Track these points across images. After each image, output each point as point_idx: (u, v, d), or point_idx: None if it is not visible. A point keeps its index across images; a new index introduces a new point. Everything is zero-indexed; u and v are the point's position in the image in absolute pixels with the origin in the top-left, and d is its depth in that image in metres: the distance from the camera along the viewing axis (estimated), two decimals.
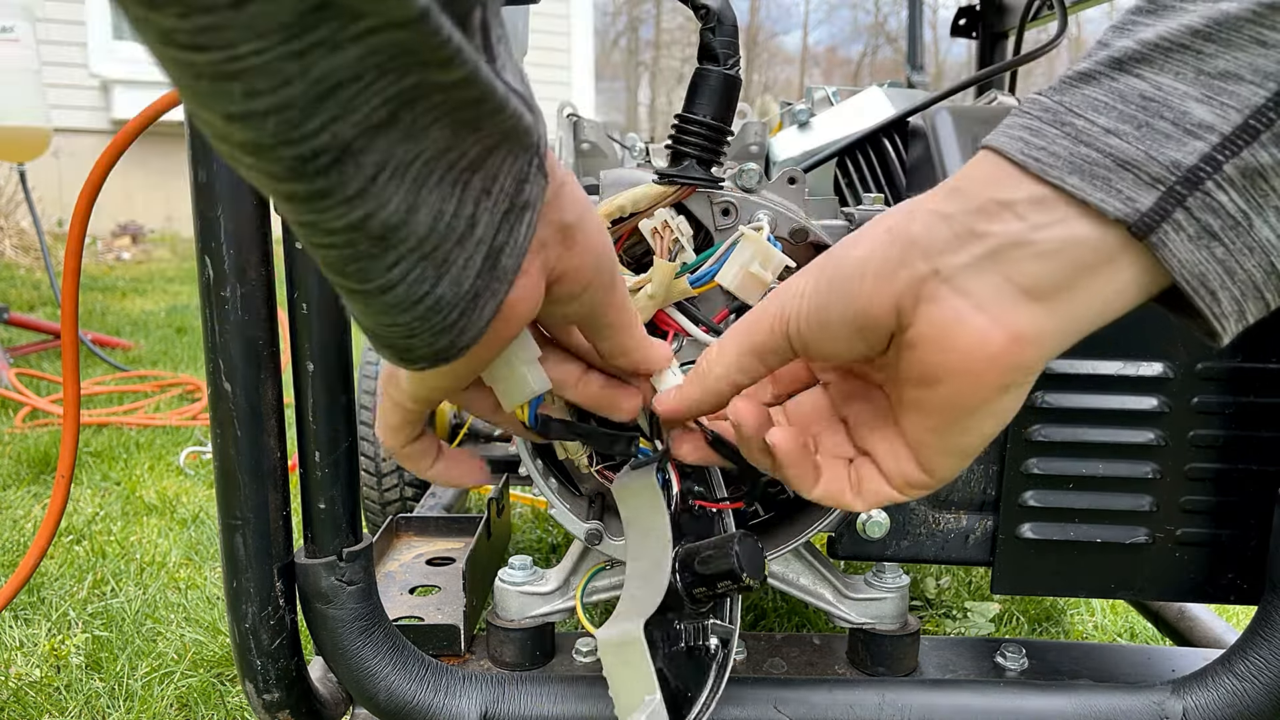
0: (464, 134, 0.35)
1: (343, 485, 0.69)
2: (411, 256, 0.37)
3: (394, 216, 0.35)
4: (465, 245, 0.38)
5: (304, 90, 0.30)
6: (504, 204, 0.39)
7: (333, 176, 0.33)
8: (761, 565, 0.61)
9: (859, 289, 0.43)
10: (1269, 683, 0.68)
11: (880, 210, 0.71)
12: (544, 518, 1.96)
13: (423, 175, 0.35)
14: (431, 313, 0.39)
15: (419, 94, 0.33)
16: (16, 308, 4.13)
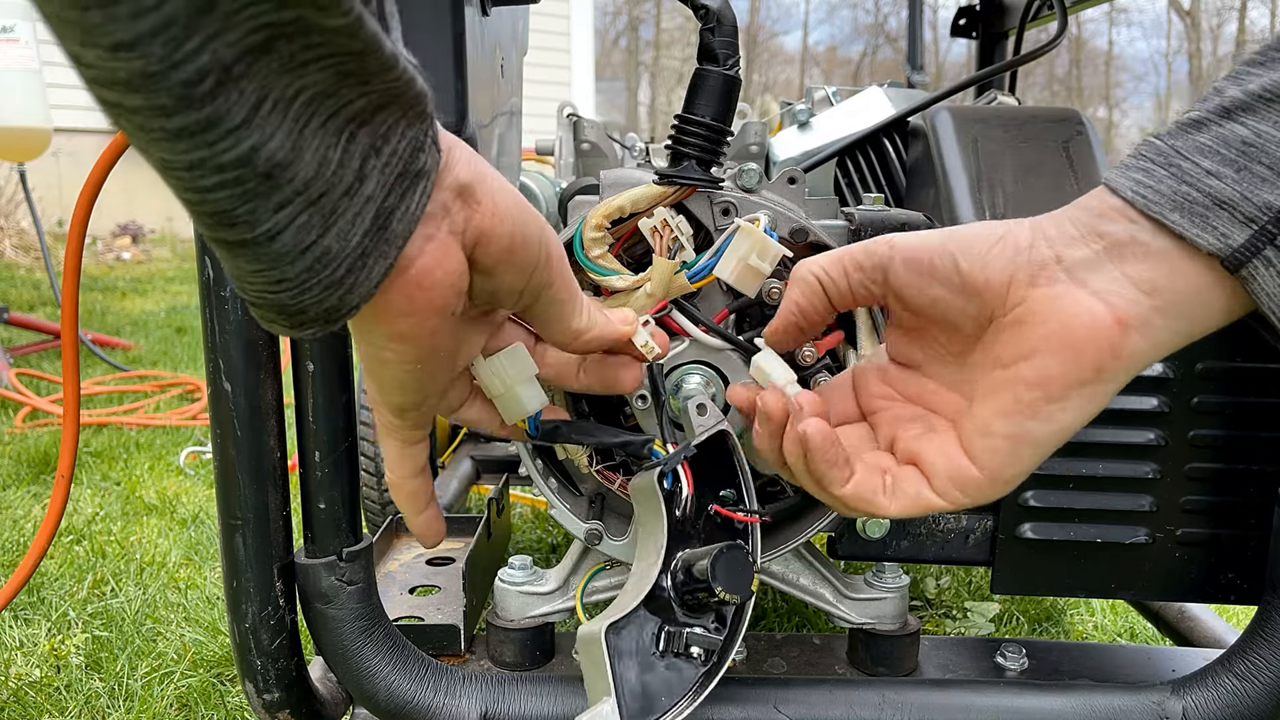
0: (348, 83, 0.36)
1: (343, 485, 0.69)
2: (298, 200, 0.37)
3: (279, 153, 0.35)
4: (353, 199, 0.39)
5: (184, 5, 0.30)
6: (396, 167, 0.39)
7: (219, 102, 0.33)
8: (746, 581, 0.61)
9: (984, 250, 0.46)
10: (1269, 683, 0.68)
11: (880, 210, 0.71)
12: (544, 518, 1.96)
13: (304, 114, 0.35)
14: (319, 264, 0.39)
15: (297, 29, 0.33)
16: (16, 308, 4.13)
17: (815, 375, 0.70)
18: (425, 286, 0.44)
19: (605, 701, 0.61)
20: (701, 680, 0.64)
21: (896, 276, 0.49)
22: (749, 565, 0.61)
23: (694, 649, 0.63)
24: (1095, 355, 0.45)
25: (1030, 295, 0.45)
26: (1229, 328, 0.68)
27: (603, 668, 0.61)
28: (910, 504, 0.50)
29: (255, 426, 0.66)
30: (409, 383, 0.49)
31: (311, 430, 0.68)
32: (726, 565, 0.60)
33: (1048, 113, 1.09)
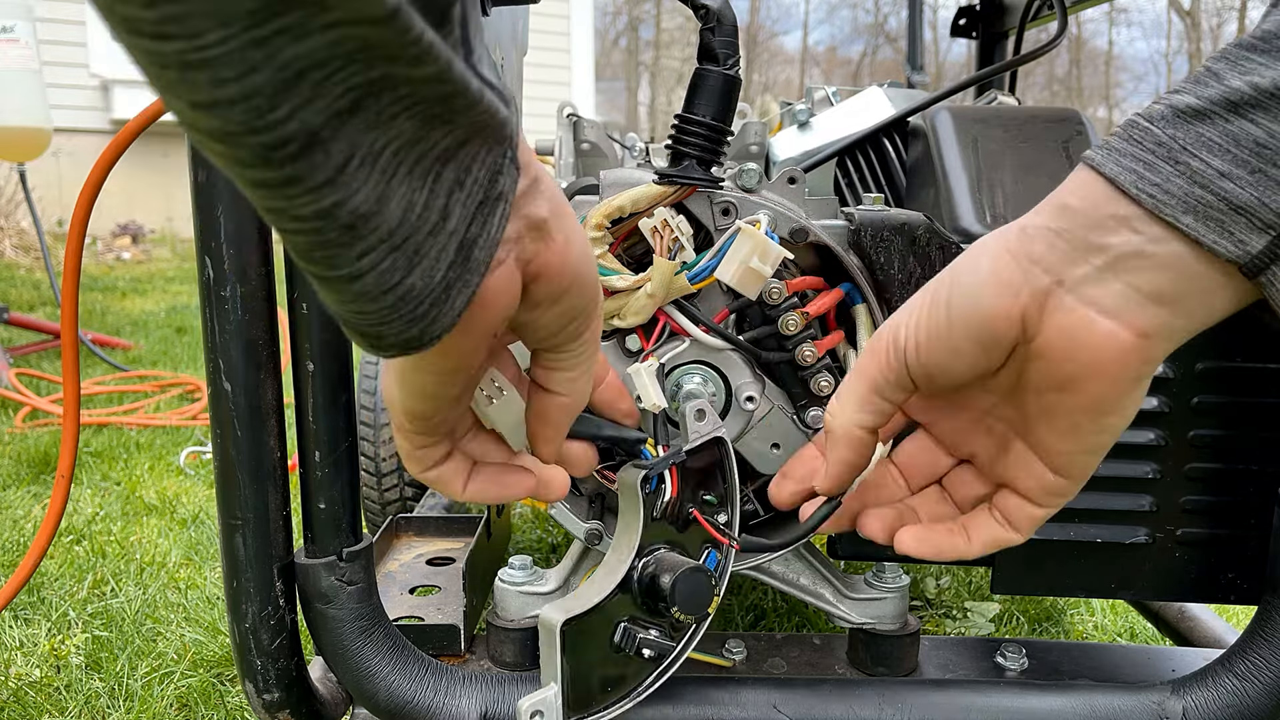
0: (434, 126, 0.35)
1: (343, 485, 0.69)
2: (382, 247, 0.36)
3: (364, 205, 0.35)
4: (438, 237, 0.38)
5: (270, 78, 0.30)
6: (478, 196, 0.39)
7: (301, 164, 0.32)
8: (705, 603, 0.63)
9: (984, 305, 0.46)
10: (1269, 683, 0.68)
11: (880, 210, 0.71)
12: (544, 518, 1.96)
13: (392, 165, 0.35)
14: (402, 302, 0.39)
15: (385, 85, 0.32)
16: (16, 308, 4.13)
17: (815, 375, 0.70)
18: (486, 307, 0.43)
19: (550, 688, 0.64)
20: (648, 682, 0.66)
21: (921, 369, 0.50)
22: (709, 588, 0.63)
23: (645, 651, 0.64)
24: (1129, 370, 0.45)
25: (1044, 327, 0.45)
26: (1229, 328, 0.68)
27: (553, 655, 0.64)
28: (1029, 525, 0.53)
29: (255, 426, 0.66)
30: (432, 392, 0.48)
31: (311, 430, 0.68)
32: (686, 586, 0.62)
33: (1048, 113, 1.09)
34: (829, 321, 0.72)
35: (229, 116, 0.30)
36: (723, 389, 0.72)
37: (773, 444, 0.73)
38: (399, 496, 1.57)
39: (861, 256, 0.70)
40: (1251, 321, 0.68)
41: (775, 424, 0.72)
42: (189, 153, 0.63)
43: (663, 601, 0.63)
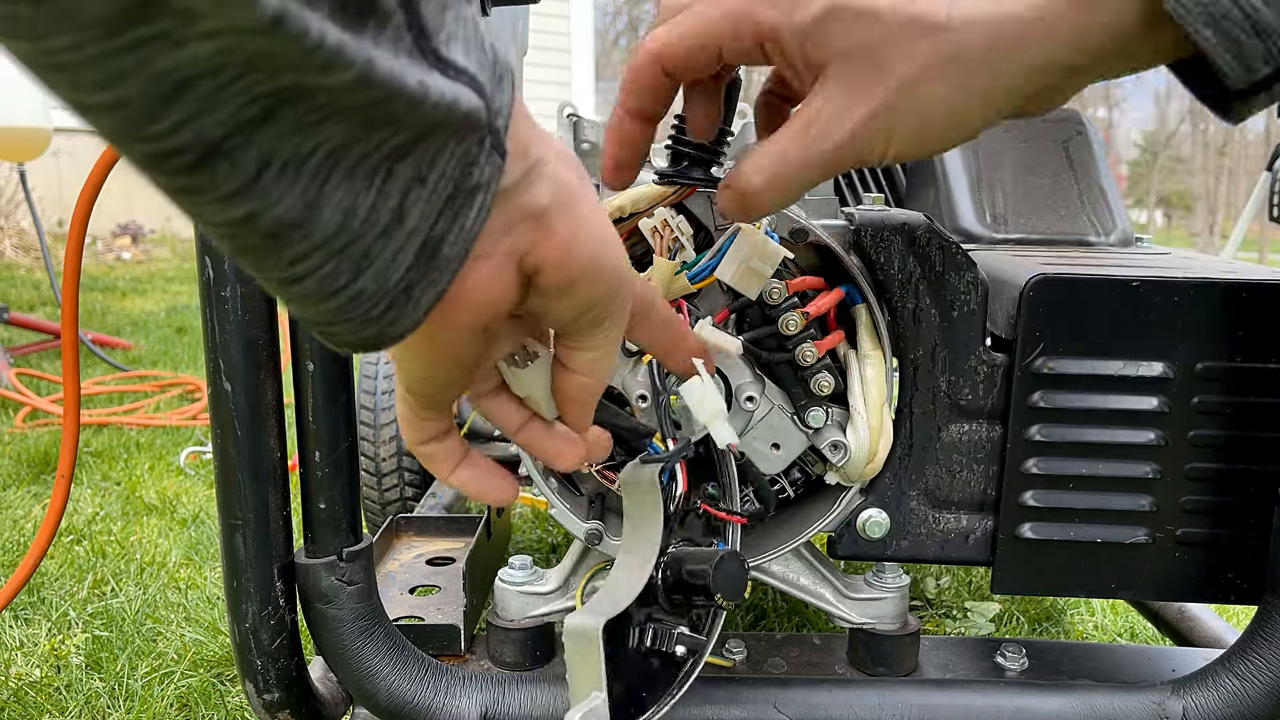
0: (374, 128, 0.32)
1: (343, 485, 0.69)
2: (318, 254, 0.33)
3: (288, 214, 0.32)
4: (391, 238, 0.35)
5: (143, 89, 0.27)
6: (445, 190, 0.35)
7: (200, 175, 0.30)
8: (741, 588, 0.61)
9: None
10: (1269, 683, 0.68)
11: (880, 210, 0.71)
12: (544, 518, 1.96)
13: (324, 169, 0.32)
14: (352, 305, 0.36)
15: (299, 93, 0.29)
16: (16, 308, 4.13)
17: (816, 375, 0.70)
18: (464, 306, 0.39)
19: (595, 697, 0.61)
20: (681, 679, 0.65)
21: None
22: (744, 573, 0.62)
23: (679, 648, 0.63)
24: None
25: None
26: (1229, 327, 0.68)
27: (595, 664, 0.61)
28: None
29: (255, 426, 0.66)
30: (424, 376, 0.45)
31: (311, 430, 0.68)
32: (725, 572, 0.60)
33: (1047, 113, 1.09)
34: (829, 321, 0.72)
35: (103, 122, 0.28)
36: (723, 389, 0.72)
37: (773, 444, 0.73)
38: (399, 496, 1.57)
39: (861, 256, 0.70)
40: (1251, 321, 0.69)
41: (775, 424, 0.72)
42: None
43: (697, 594, 0.62)
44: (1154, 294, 0.68)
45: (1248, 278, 0.69)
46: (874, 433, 0.70)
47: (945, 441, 0.73)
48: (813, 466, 0.77)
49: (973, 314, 0.71)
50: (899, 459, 0.73)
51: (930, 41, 0.44)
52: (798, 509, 0.79)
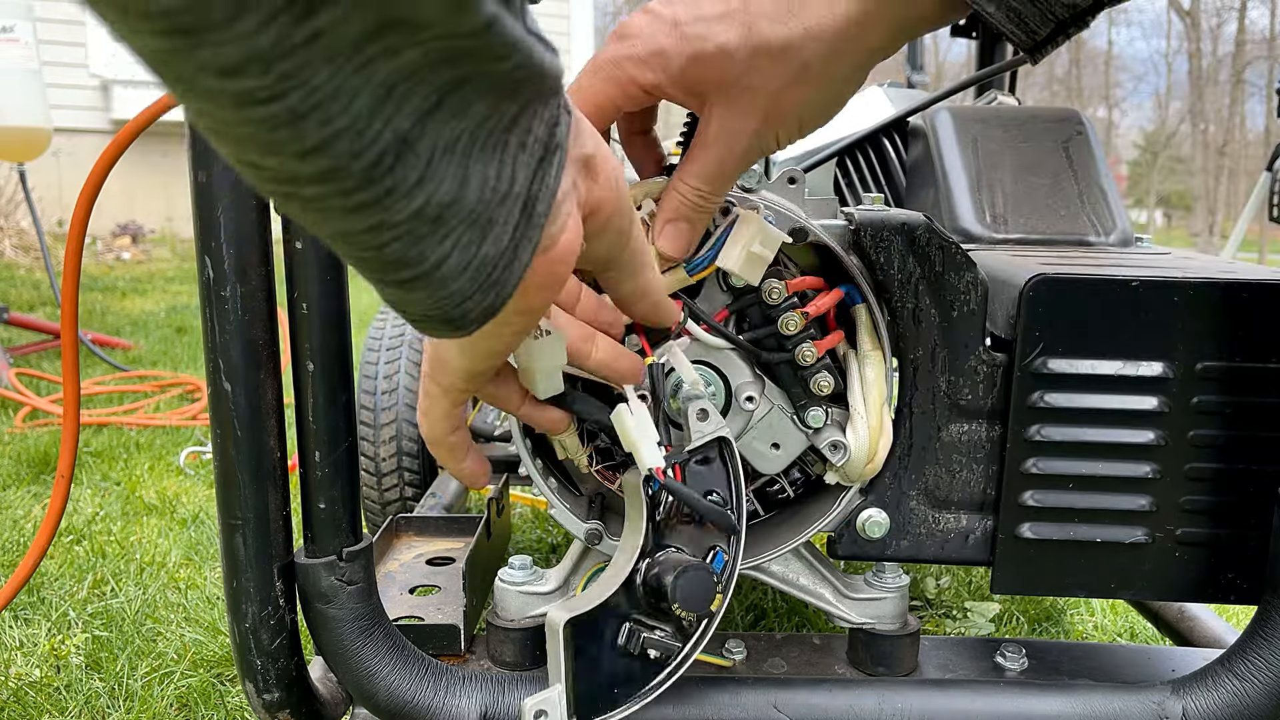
0: (503, 101, 0.36)
1: (343, 485, 0.69)
2: (461, 227, 0.37)
3: (448, 194, 0.36)
4: (506, 203, 0.39)
5: (369, 98, 0.31)
6: (538, 152, 0.39)
7: (397, 172, 0.33)
8: (707, 601, 0.63)
9: None
10: (1269, 683, 0.68)
11: (880, 210, 0.71)
12: (544, 518, 1.96)
13: (468, 147, 0.36)
14: (478, 273, 0.40)
15: (466, 79, 0.33)
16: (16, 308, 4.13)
17: (815, 375, 0.70)
18: (566, 262, 0.45)
19: (555, 688, 0.64)
20: (656, 683, 0.65)
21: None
22: (712, 585, 0.63)
23: (650, 651, 0.64)
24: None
25: None
26: (1228, 327, 0.68)
27: (557, 656, 0.64)
28: None
29: (255, 426, 0.66)
30: (502, 350, 0.51)
31: (311, 430, 0.68)
32: (687, 583, 0.62)
33: (1047, 113, 1.09)
34: (829, 321, 0.72)
35: (336, 150, 0.31)
36: (722, 388, 0.72)
37: (772, 444, 0.73)
38: (399, 496, 1.57)
39: (861, 257, 0.70)
40: (1251, 321, 0.69)
41: (775, 423, 0.72)
42: (189, 153, 0.63)
43: (665, 600, 0.63)
44: (1153, 294, 0.68)
45: (1248, 278, 0.69)
46: (874, 432, 0.70)
47: (945, 441, 0.73)
48: (812, 466, 0.77)
49: (972, 314, 0.71)
50: (899, 459, 0.73)
51: (781, 63, 0.53)
52: (797, 509, 0.79)
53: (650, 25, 0.55)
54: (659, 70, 0.55)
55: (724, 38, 0.53)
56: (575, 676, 0.64)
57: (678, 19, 0.54)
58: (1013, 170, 1.04)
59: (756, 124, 0.55)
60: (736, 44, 0.53)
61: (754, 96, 0.54)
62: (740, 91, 0.54)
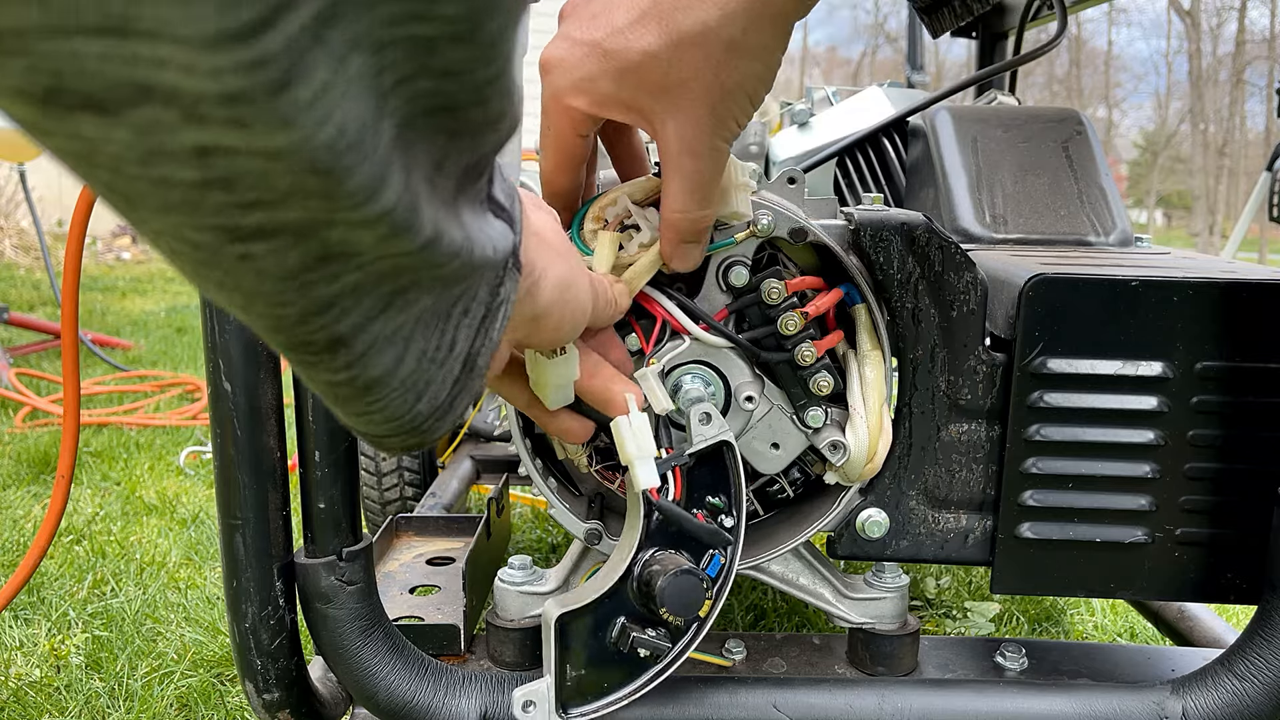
0: (449, 289, 0.37)
1: (343, 485, 0.69)
2: (395, 392, 0.38)
3: (379, 372, 0.37)
4: (445, 365, 0.40)
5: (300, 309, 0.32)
6: (479, 313, 0.41)
7: (323, 357, 0.35)
8: (694, 607, 0.64)
9: None
10: (1269, 683, 0.68)
11: (880, 210, 0.71)
12: (544, 518, 1.96)
13: (409, 333, 0.37)
14: (410, 422, 0.41)
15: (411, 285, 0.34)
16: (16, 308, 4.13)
17: (815, 375, 0.70)
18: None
19: (544, 680, 0.65)
20: (643, 682, 0.66)
21: None
22: (700, 590, 0.63)
23: (640, 650, 0.65)
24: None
25: None
26: (1228, 327, 0.68)
27: (548, 648, 0.65)
28: None
29: (255, 426, 0.66)
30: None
31: (311, 430, 0.68)
32: (674, 587, 0.62)
33: (1048, 113, 1.09)
34: (828, 321, 0.72)
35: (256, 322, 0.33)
36: (722, 388, 0.72)
37: (772, 444, 0.73)
38: (399, 496, 1.57)
39: (861, 257, 0.70)
40: (1251, 321, 0.68)
41: (774, 423, 0.72)
42: None
43: (653, 602, 0.63)
44: (1153, 294, 0.68)
45: (1248, 278, 0.69)
46: (873, 432, 0.70)
47: (944, 441, 0.73)
48: (812, 466, 0.77)
49: (972, 314, 0.71)
50: (898, 459, 0.73)
51: (705, 48, 0.52)
52: (797, 509, 0.79)
53: (571, 52, 0.55)
54: (592, 95, 0.55)
55: (644, 43, 0.52)
56: (564, 669, 0.65)
57: (595, 40, 0.54)
58: (1013, 170, 1.04)
59: (706, 117, 0.54)
60: (658, 44, 0.52)
61: (691, 90, 0.53)
62: (677, 90, 0.53)
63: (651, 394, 0.65)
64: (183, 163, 0.25)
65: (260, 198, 0.27)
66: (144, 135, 0.24)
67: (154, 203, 0.27)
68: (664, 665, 0.67)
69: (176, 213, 0.27)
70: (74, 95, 0.23)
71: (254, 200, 0.27)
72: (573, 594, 0.67)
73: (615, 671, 0.67)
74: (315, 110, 0.25)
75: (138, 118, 0.24)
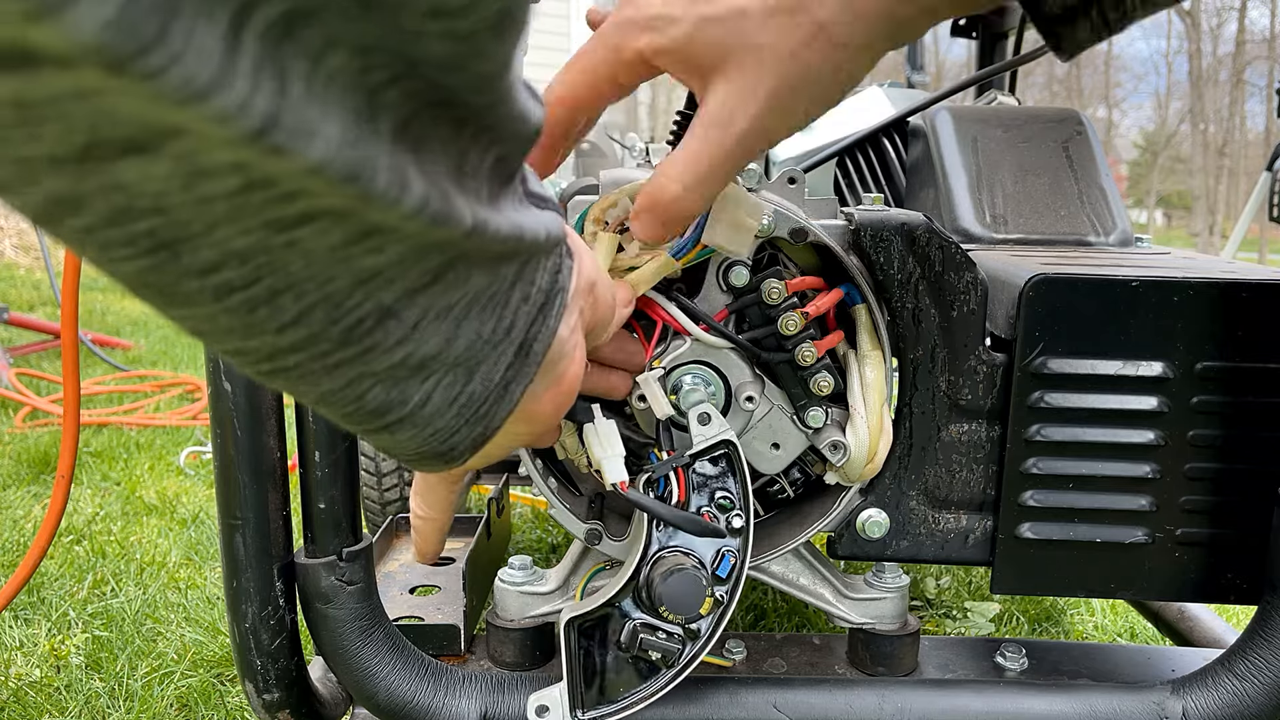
0: (501, 267, 0.37)
1: (343, 485, 0.69)
2: (443, 371, 0.38)
3: (432, 349, 0.37)
4: (499, 346, 0.40)
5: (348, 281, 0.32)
6: (539, 300, 0.41)
7: (377, 334, 0.34)
8: (694, 606, 0.64)
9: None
10: (1269, 683, 0.68)
11: (880, 210, 0.71)
12: (544, 518, 1.96)
13: (464, 311, 0.37)
14: (464, 409, 0.41)
15: (461, 259, 0.34)
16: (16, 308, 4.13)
17: (815, 375, 0.70)
18: (572, 393, 0.48)
19: (558, 685, 0.66)
20: (658, 686, 0.66)
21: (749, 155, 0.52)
22: (701, 589, 0.63)
23: (652, 653, 0.65)
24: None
25: None
26: (1228, 327, 0.68)
27: (561, 654, 0.66)
28: None
29: (255, 426, 0.66)
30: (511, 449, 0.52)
31: (311, 430, 0.68)
32: (672, 587, 0.62)
33: (1047, 113, 1.09)
34: (828, 321, 0.72)
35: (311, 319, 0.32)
36: (722, 388, 0.72)
37: (773, 444, 0.73)
38: (399, 496, 1.57)
39: (861, 257, 0.70)
40: (1251, 321, 0.69)
41: (775, 424, 0.72)
42: None
43: (656, 603, 0.64)
44: (1153, 294, 0.68)
45: (1248, 278, 0.69)
46: (874, 433, 0.70)
47: (945, 441, 0.73)
48: (812, 466, 0.77)
49: (972, 314, 0.71)
50: (899, 459, 0.73)
51: (795, 20, 0.46)
52: (797, 509, 0.79)
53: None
54: (662, 35, 0.50)
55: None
56: (578, 673, 0.65)
57: None
58: (1013, 170, 1.04)
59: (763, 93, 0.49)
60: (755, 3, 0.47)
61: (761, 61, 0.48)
62: (748, 56, 0.48)
63: (653, 398, 0.65)
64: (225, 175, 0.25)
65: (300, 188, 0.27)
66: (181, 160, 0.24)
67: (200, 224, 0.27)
68: (680, 668, 0.67)
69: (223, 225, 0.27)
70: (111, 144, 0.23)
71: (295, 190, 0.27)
72: (587, 600, 0.68)
73: (628, 674, 0.67)
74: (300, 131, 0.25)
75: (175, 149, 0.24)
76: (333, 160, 0.26)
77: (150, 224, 0.26)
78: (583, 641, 0.66)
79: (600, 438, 0.62)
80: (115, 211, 0.26)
